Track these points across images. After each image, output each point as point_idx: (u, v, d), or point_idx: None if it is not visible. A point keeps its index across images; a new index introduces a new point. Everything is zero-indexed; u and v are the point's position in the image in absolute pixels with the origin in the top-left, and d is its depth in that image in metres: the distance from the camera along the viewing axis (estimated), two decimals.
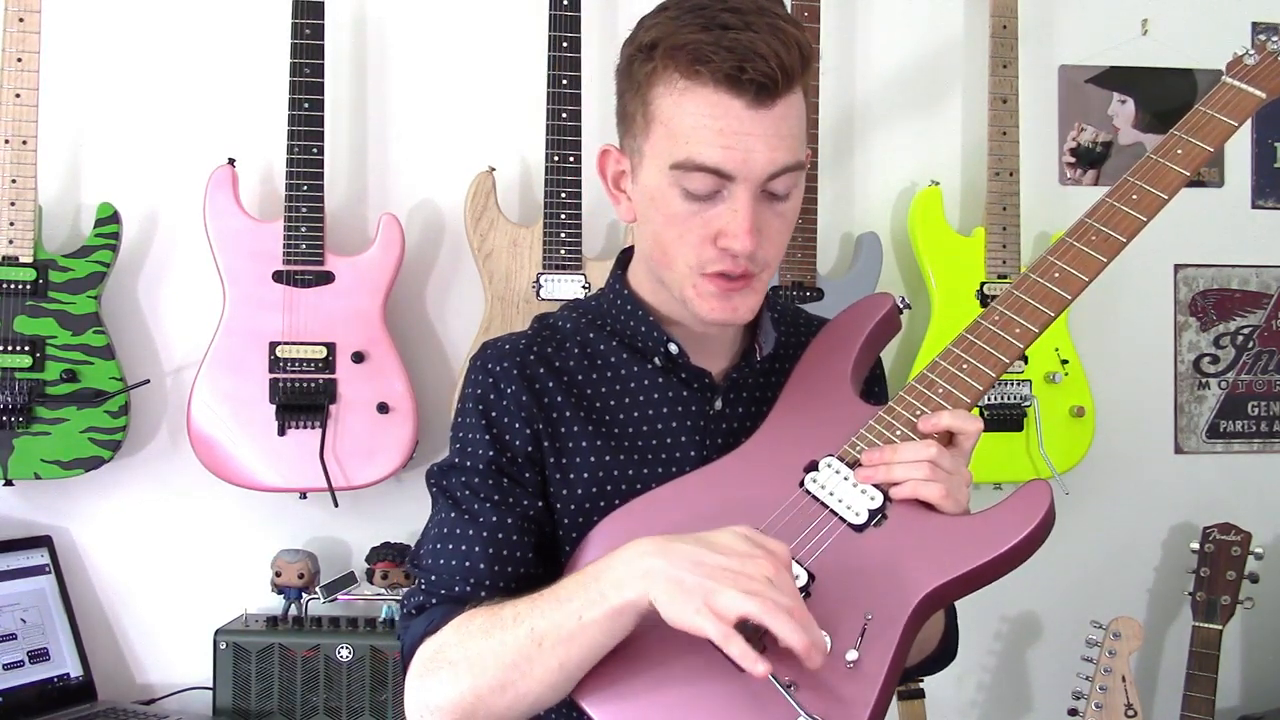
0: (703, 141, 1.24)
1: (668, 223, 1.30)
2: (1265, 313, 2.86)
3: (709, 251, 1.28)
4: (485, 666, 1.20)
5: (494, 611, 1.24)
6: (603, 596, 1.16)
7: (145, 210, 2.56)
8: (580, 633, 1.17)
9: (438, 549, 1.36)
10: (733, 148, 1.23)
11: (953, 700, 2.77)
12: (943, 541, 1.22)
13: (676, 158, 1.26)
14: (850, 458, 1.31)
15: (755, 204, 1.26)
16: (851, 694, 1.15)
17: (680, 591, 1.12)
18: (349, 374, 2.43)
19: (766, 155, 1.24)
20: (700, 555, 1.14)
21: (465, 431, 1.40)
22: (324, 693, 2.36)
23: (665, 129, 1.27)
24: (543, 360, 1.41)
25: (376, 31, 2.64)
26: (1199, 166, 1.41)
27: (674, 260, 1.32)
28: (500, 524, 1.34)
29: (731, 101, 1.23)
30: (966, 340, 1.36)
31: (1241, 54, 1.48)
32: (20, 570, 2.40)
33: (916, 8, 2.77)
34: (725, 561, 1.13)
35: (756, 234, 1.26)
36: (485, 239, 2.50)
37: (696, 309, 1.33)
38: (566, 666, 1.18)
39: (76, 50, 2.55)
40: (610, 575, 1.17)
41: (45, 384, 2.36)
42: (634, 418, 1.40)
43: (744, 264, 1.28)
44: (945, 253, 2.62)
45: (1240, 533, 2.50)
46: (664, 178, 1.28)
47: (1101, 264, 1.37)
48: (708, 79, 1.22)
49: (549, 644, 1.18)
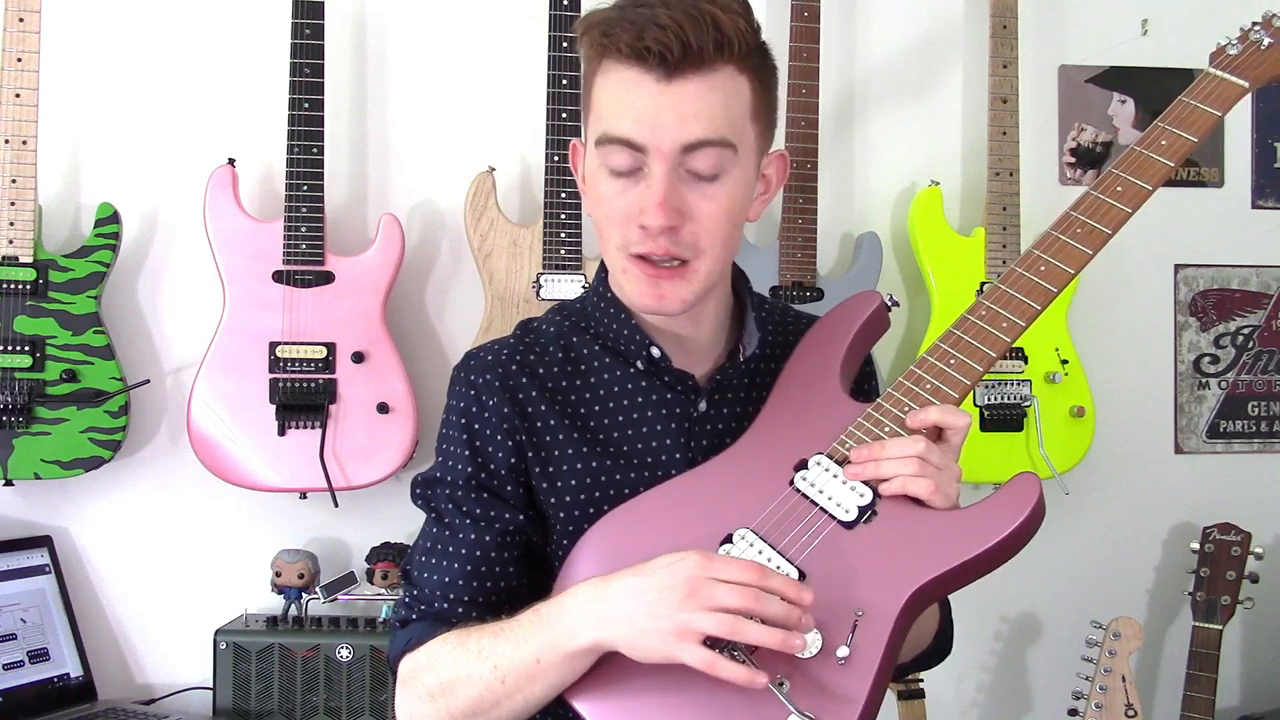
0: (616, 114, 1.27)
1: (598, 203, 1.33)
2: (1265, 313, 2.85)
3: (633, 232, 1.29)
4: (455, 695, 1.27)
5: (462, 641, 1.28)
6: (556, 642, 1.20)
7: (145, 210, 2.57)
8: (540, 674, 1.22)
9: (422, 562, 1.40)
10: (640, 120, 1.25)
11: (953, 700, 2.77)
12: (933, 536, 1.22)
13: (598, 134, 1.29)
14: (839, 455, 1.31)
15: (671, 179, 1.26)
16: (843, 690, 1.15)
17: (639, 635, 1.16)
18: (349, 374, 2.43)
19: (676, 128, 1.25)
20: (636, 585, 1.17)
21: (448, 444, 1.42)
22: (324, 693, 2.37)
23: (595, 111, 1.31)
24: (525, 369, 1.41)
25: (376, 31, 2.64)
26: (1184, 157, 1.41)
27: (607, 243, 1.33)
28: (479, 541, 1.36)
29: (640, 76, 1.25)
30: (954, 335, 1.36)
31: (1224, 44, 1.47)
32: (20, 570, 2.41)
33: (917, 8, 2.77)
34: (660, 580, 1.16)
35: (673, 211, 1.26)
36: (485, 239, 2.50)
37: (628, 295, 1.35)
38: (531, 700, 1.24)
39: (76, 50, 2.55)
40: (563, 621, 1.21)
41: (45, 384, 2.36)
42: (618, 422, 1.40)
43: (664, 245, 1.28)
44: (945, 253, 2.61)
45: (1240, 533, 2.49)
46: (595, 158, 1.31)
47: (1087, 256, 1.37)
48: (615, 54, 1.26)
49: (511, 681, 1.23)
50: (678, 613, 1.13)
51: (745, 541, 1.26)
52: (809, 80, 2.55)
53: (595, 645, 1.19)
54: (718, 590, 1.14)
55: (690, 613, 1.13)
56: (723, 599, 1.13)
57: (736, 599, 1.13)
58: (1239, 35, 1.47)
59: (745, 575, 1.15)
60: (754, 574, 1.15)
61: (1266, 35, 1.45)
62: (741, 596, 1.13)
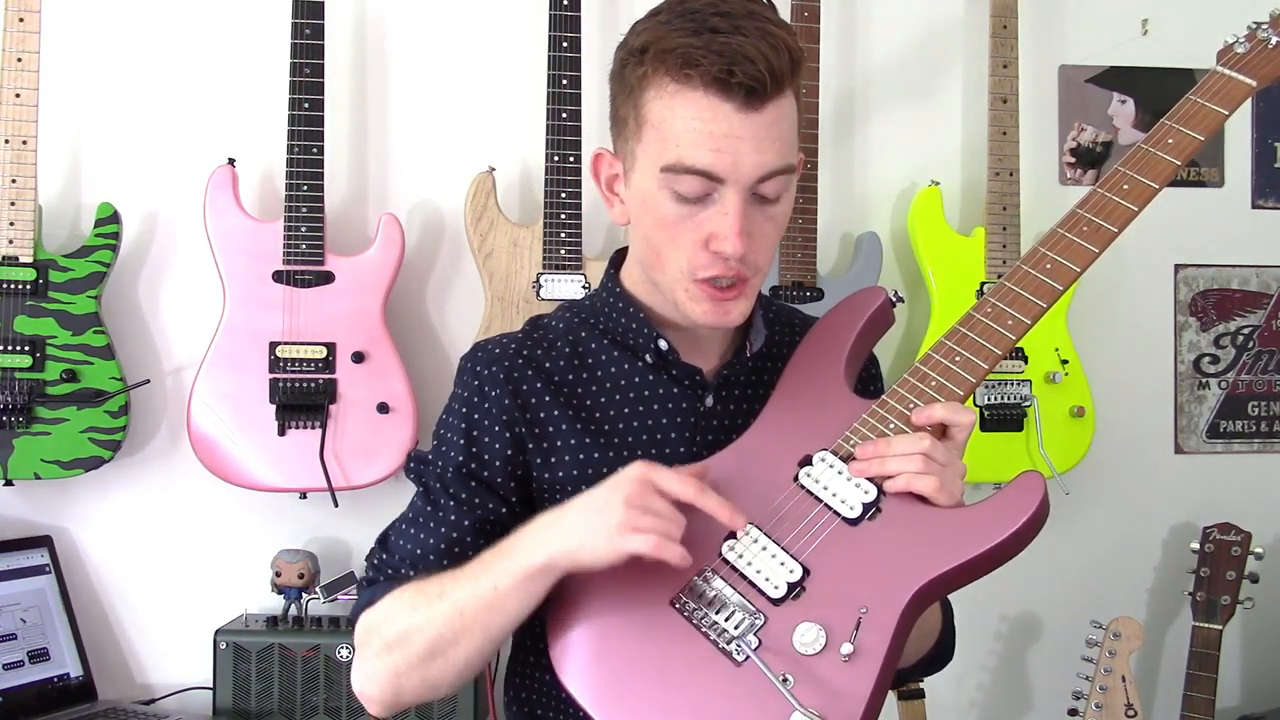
0: (692, 144, 1.25)
1: (659, 226, 1.31)
2: (1265, 313, 2.85)
3: (701, 256, 1.30)
4: (413, 639, 1.28)
5: (421, 587, 1.31)
6: (514, 565, 1.24)
7: (145, 210, 2.56)
8: (497, 602, 1.24)
9: (401, 530, 1.44)
10: (722, 150, 1.24)
11: (953, 700, 2.77)
12: (937, 534, 1.22)
13: (667, 160, 1.27)
14: (844, 451, 1.31)
15: (745, 207, 1.27)
16: (847, 688, 1.15)
17: (587, 535, 1.21)
18: (349, 374, 2.43)
19: (755, 158, 1.25)
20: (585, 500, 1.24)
21: (446, 430, 1.44)
22: (324, 693, 2.36)
23: (656, 132, 1.28)
24: (530, 363, 1.43)
25: (376, 31, 2.64)
26: (1190, 156, 1.40)
27: (666, 264, 1.33)
28: (458, 523, 1.39)
29: (721, 105, 1.24)
30: (959, 333, 1.36)
31: (1232, 42, 1.47)
32: (20, 570, 2.41)
33: (916, 7, 2.77)
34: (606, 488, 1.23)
35: (747, 237, 1.27)
36: (485, 239, 2.50)
37: (689, 312, 1.34)
38: (489, 631, 1.26)
39: (76, 50, 2.55)
40: (520, 546, 1.26)
41: (45, 384, 2.36)
42: (624, 415, 1.41)
43: (735, 267, 1.30)
44: (945, 253, 2.62)
45: (1240, 533, 2.49)
46: (655, 181, 1.29)
47: (1093, 254, 1.36)
48: (697, 82, 1.24)
49: (469, 615, 1.25)
50: (623, 509, 1.19)
51: (750, 537, 1.26)
52: (809, 80, 2.55)
53: (549, 561, 1.22)
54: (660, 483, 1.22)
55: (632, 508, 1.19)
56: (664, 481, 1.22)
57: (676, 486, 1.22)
58: (1246, 34, 1.46)
59: (684, 488, 1.22)
60: (692, 488, 1.22)
61: (1274, 34, 1.45)
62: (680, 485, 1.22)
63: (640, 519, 1.19)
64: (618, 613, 1.26)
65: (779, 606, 1.21)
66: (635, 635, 1.24)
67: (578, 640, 1.26)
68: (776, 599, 1.22)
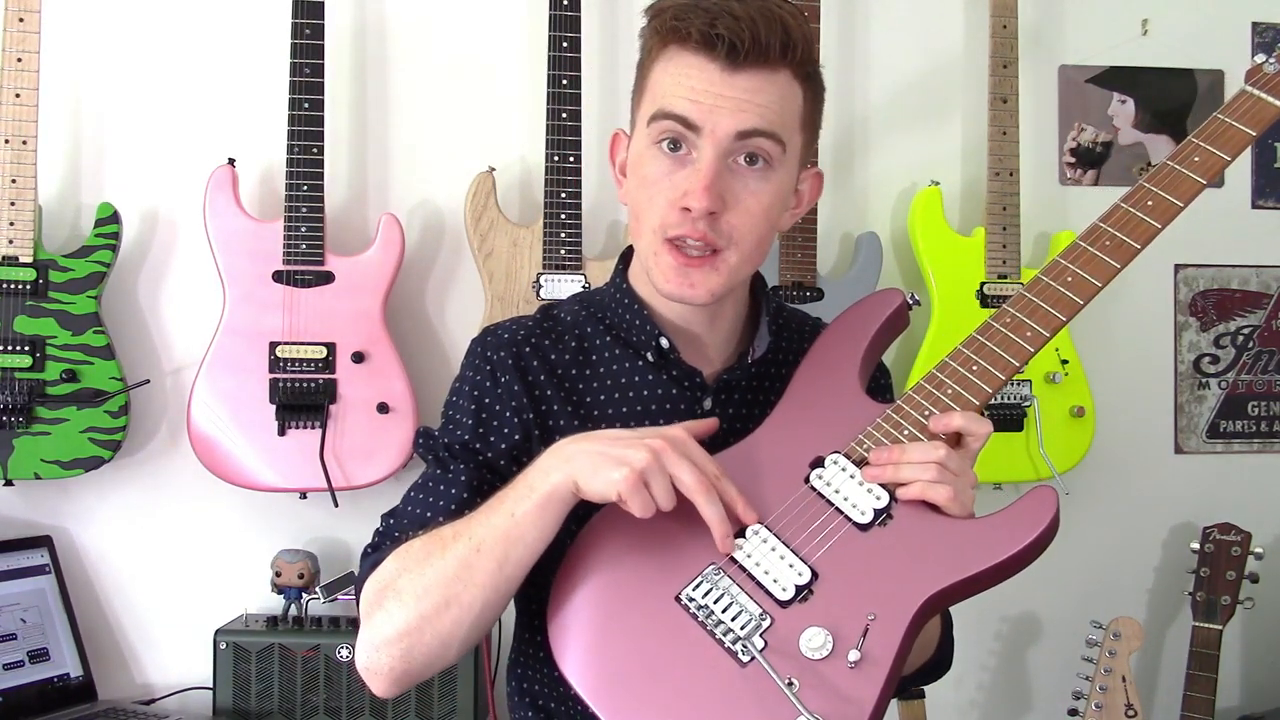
0: (675, 94, 1.30)
1: (642, 185, 1.34)
2: (1265, 313, 2.86)
3: (671, 214, 1.31)
4: (428, 585, 1.25)
5: (433, 535, 1.29)
6: (531, 489, 1.24)
7: (145, 210, 2.56)
8: (514, 529, 1.23)
9: (410, 495, 1.42)
10: (700, 102, 1.28)
11: (953, 700, 2.77)
12: (948, 544, 1.22)
13: (652, 111, 1.32)
14: (857, 455, 1.30)
15: (719, 165, 1.29)
16: (853, 694, 1.15)
17: (601, 462, 1.20)
18: (349, 374, 2.42)
19: (732, 114, 1.28)
20: (614, 433, 1.25)
21: (455, 411, 1.44)
22: (324, 693, 2.36)
23: (650, 93, 1.34)
24: (538, 352, 1.43)
25: (377, 31, 2.64)
26: (1216, 175, 1.40)
27: (642, 226, 1.35)
28: (468, 484, 1.38)
29: (706, 62, 1.28)
30: (977, 342, 1.35)
31: (1261, 62, 1.46)
32: (20, 570, 2.40)
33: (917, 8, 2.77)
34: (640, 433, 1.24)
35: (716, 196, 1.29)
36: (485, 239, 2.50)
37: (656, 280, 1.36)
38: (505, 565, 1.24)
39: (76, 50, 2.55)
40: (537, 470, 1.25)
41: (45, 384, 2.36)
42: (622, 413, 1.41)
43: (703, 230, 1.30)
44: (945, 253, 2.62)
45: (1240, 533, 2.49)
46: (644, 139, 1.34)
47: (1115, 270, 1.37)
48: (686, 39, 1.29)
49: (487, 547, 1.24)
50: (640, 450, 1.19)
51: (759, 537, 1.25)
52: None
53: (565, 481, 1.22)
54: (682, 461, 1.21)
55: (647, 453, 1.19)
56: (680, 466, 1.21)
57: (690, 476, 1.20)
58: (1277, 54, 1.46)
59: (708, 466, 1.23)
60: (715, 468, 1.23)
61: None
62: (694, 476, 1.20)
63: (654, 474, 1.20)
64: (621, 603, 1.25)
65: (786, 609, 1.21)
66: (639, 628, 1.23)
67: (579, 630, 1.25)
68: (784, 601, 1.21)
